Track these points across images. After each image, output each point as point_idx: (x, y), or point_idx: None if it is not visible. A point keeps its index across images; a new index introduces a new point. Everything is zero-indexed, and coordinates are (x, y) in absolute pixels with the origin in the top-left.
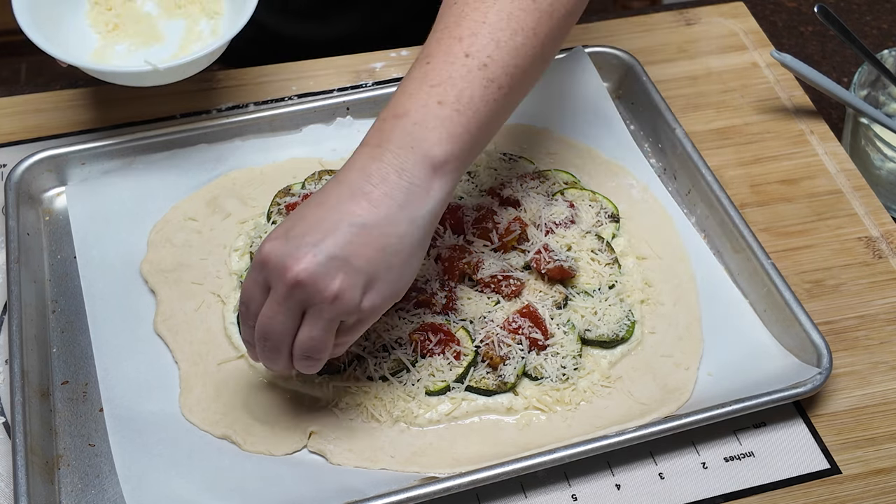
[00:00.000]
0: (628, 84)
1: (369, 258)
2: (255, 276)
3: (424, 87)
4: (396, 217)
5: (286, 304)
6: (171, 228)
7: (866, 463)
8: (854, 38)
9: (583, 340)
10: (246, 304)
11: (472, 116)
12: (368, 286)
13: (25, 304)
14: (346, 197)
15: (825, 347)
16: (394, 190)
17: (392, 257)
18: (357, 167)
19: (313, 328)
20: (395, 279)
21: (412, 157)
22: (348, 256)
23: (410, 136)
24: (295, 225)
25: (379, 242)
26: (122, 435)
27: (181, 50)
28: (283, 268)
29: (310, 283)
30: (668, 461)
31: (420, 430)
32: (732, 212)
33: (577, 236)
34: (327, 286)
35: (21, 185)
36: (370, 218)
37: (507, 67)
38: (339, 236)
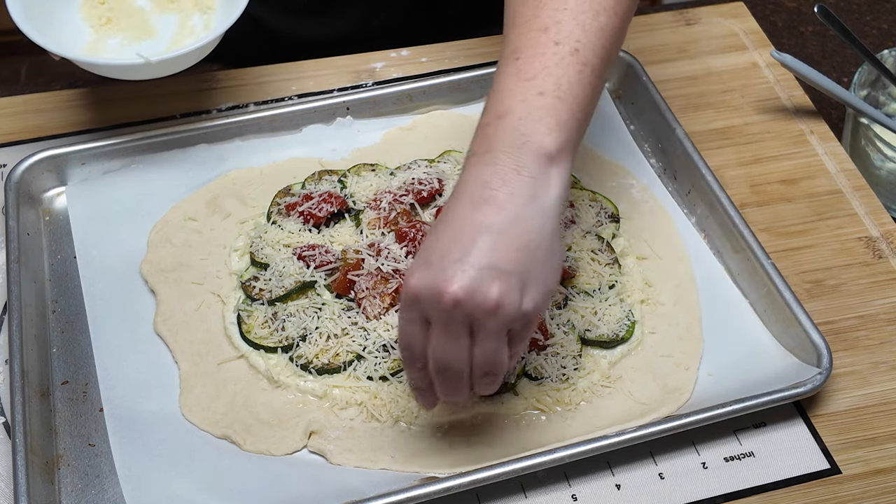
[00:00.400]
0: (628, 84)
1: (516, 259)
2: (410, 315)
3: (520, 82)
4: (527, 213)
5: (452, 329)
6: (171, 228)
7: (866, 463)
8: (854, 38)
9: (583, 340)
10: (409, 347)
11: (573, 102)
12: (524, 287)
13: (25, 304)
14: (471, 209)
15: (825, 347)
16: (517, 188)
17: (536, 252)
18: (473, 178)
19: (486, 343)
20: (546, 273)
21: (526, 153)
22: (496, 263)
23: (518, 132)
24: (432, 251)
25: (519, 242)
26: (122, 435)
27: (174, 44)
28: (437, 293)
29: (468, 298)
30: (668, 461)
31: (420, 430)
32: (732, 212)
33: (577, 236)
34: (486, 297)
35: (21, 185)
36: (503, 221)
37: (596, 49)
38: (480, 247)
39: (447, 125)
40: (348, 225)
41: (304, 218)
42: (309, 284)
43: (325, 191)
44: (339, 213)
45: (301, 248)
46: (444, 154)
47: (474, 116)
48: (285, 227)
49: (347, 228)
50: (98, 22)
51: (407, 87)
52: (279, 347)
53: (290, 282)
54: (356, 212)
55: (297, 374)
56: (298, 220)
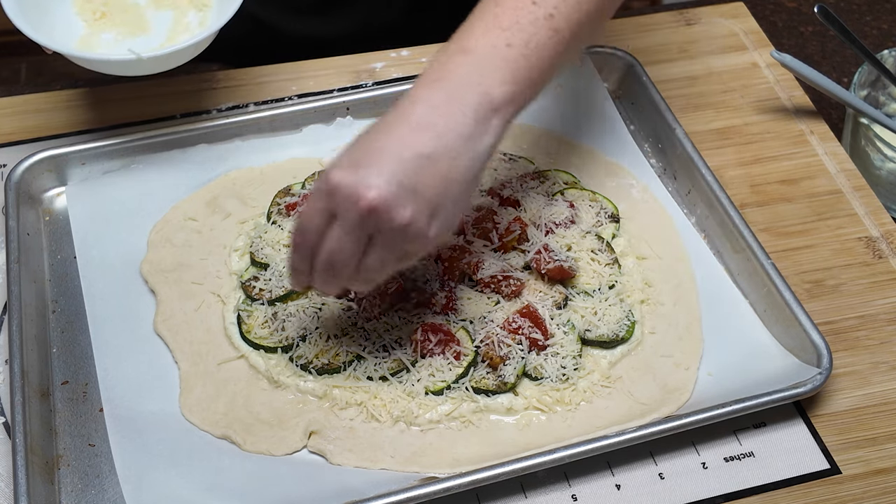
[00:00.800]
0: (628, 84)
1: (435, 188)
2: (320, 204)
3: (494, 28)
4: (459, 150)
5: (356, 233)
6: (171, 228)
7: (867, 463)
8: (854, 38)
9: (583, 340)
10: (304, 233)
11: (535, 62)
12: (433, 216)
13: (25, 304)
14: (412, 128)
15: (825, 347)
16: (458, 124)
17: (454, 187)
18: (421, 99)
19: (380, 253)
20: (455, 210)
21: (476, 94)
22: (416, 186)
23: (476, 73)
24: (361, 156)
25: (444, 174)
26: (122, 435)
27: (168, 41)
28: (356, 196)
29: (383, 210)
30: (668, 461)
31: (420, 430)
32: (732, 212)
33: (577, 236)
34: (399, 214)
35: (21, 185)
36: (436, 149)
37: (571, 20)
38: (407, 166)
39: None
40: None
41: None
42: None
43: None
44: None
45: None
46: None
47: None
48: (285, 227)
49: None
50: (92, 17)
51: (407, 87)
52: (279, 347)
53: None
54: None
55: (297, 374)
56: None
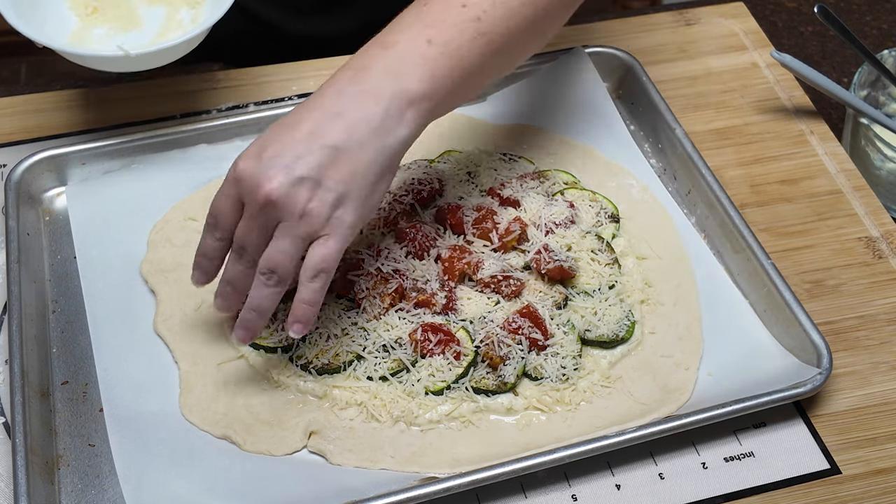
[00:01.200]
0: (628, 84)
1: (339, 180)
2: (229, 191)
3: (417, 24)
4: (369, 143)
5: (259, 221)
6: (171, 228)
7: (867, 463)
8: (854, 38)
9: (583, 341)
10: (215, 216)
11: (456, 64)
12: (338, 203)
13: (25, 304)
14: (321, 119)
15: (825, 347)
16: (369, 116)
17: (361, 180)
18: (336, 90)
19: (282, 241)
20: (362, 202)
21: (391, 88)
22: (319, 178)
23: (395, 67)
24: (269, 145)
25: (350, 167)
26: (122, 435)
27: (159, 37)
28: (256, 186)
29: (281, 201)
30: (668, 461)
31: (420, 431)
32: (732, 212)
33: (577, 236)
34: (297, 204)
35: (21, 185)
36: (344, 141)
37: (500, 26)
38: (311, 158)
39: (447, 125)
40: None
41: None
42: None
43: None
44: None
45: None
46: (444, 154)
47: (475, 117)
48: None
49: None
50: (84, 11)
51: None
52: (279, 347)
53: (290, 282)
54: None
55: (297, 375)
56: None
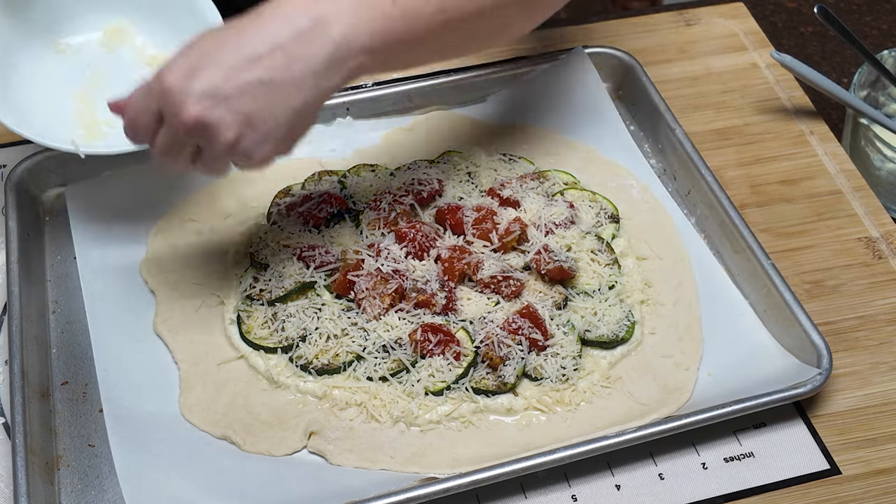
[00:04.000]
0: (628, 84)
1: (269, 115)
2: (148, 102)
3: None
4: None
5: (181, 140)
6: (171, 229)
7: (867, 463)
8: (854, 38)
9: (583, 341)
10: (133, 126)
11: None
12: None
13: (25, 305)
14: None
15: (825, 348)
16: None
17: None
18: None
19: (208, 164)
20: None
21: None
22: (249, 111)
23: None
24: (202, 66)
25: (282, 102)
26: (121, 435)
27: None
28: (180, 108)
29: (205, 129)
30: (668, 461)
31: (420, 431)
32: (732, 212)
33: (577, 237)
34: (224, 136)
35: (21, 185)
36: (281, 76)
37: (462, 7)
38: (244, 88)
39: (447, 125)
40: (348, 225)
41: (304, 218)
42: (309, 285)
43: (324, 191)
44: (339, 213)
45: (301, 248)
46: (444, 154)
47: (474, 117)
48: (285, 227)
49: (347, 229)
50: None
51: (407, 88)
52: (279, 348)
53: (290, 282)
54: (356, 212)
55: (296, 375)
56: (298, 221)
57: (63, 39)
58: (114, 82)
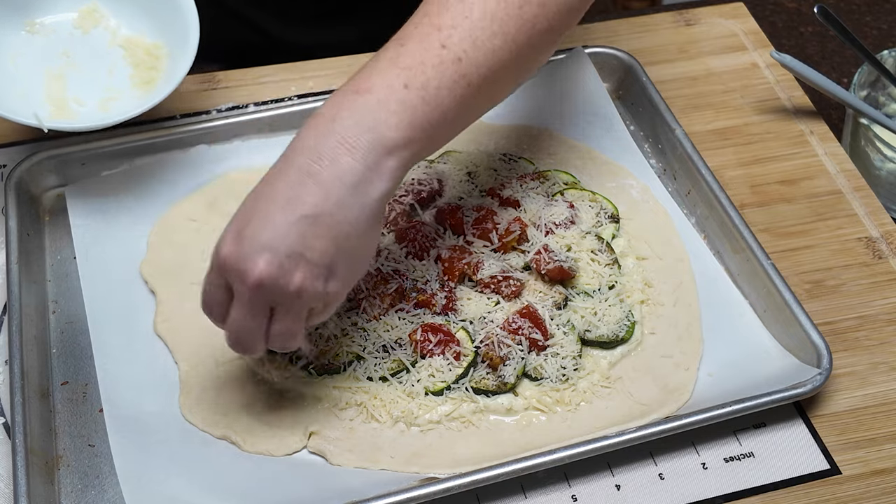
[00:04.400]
0: (628, 84)
1: (325, 250)
2: (215, 279)
3: (394, 67)
4: (347, 202)
5: (252, 307)
6: (171, 229)
7: (866, 463)
8: (854, 38)
9: (583, 341)
10: (209, 308)
11: (435, 107)
12: (329, 275)
13: (25, 305)
14: (295, 182)
15: (825, 348)
16: (344, 173)
17: (346, 243)
18: (308, 145)
19: (283, 322)
20: (353, 263)
21: (367, 137)
22: (304, 252)
23: (369, 114)
24: (247, 224)
25: (332, 232)
26: (121, 435)
27: (101, 108)
28: (241, 273)
29: (270, 284)
30: (668, 461)
31: (420, 431)
32: (732, 212)
33: (577, 237)
34: (289, 283)
35: (21, 185)
36: (322, 206)
37: (481, 68)
38: (292, 232)
39: None
40: None
41: None
42: None
43: None
44: None
45: None
46: (444, 154)
47: None
48: None
49: None
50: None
51: None
52: None
53: None
54: None
55: (297, 375)
56: None
57: (37, 19)
58: (87, 63)
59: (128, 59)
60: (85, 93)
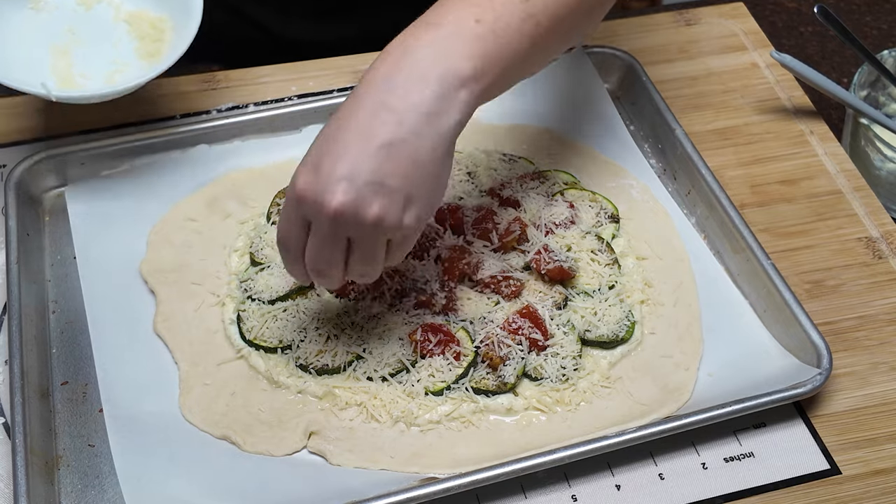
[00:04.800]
0: (628, 84)
1: (402, 178)
2: (292, 214)
3: (464, 4)
4: (423, 130)
5: (331, 239)
6: (170, 229)
7: (866, 463)
8: (854, 38)
9: (583, 341)
10: (285, 245)
11: (506, 43)
12: (408, 203)
13: (25, 305)
14: (370, 114)
15: (825, 348)
16: (419, 102)
17: (423, 171)
18: (380, 77)
19: (362, 252)
20: (430, 193)
21: (439, 69)
22: (382, 179)
23: (443, 46)
24: (323, 156)
25: (409, 161)
26: (121, 435)
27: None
28: (320, 204)
29: (350, 214)
30: (668, 461)
31: (420, 431)
32: (732, 212)
33: (577, 237)
34: (367, 212)
35: (21, 185)
36: (397, 134)
37: (549, 8)
38: (369, 161)
39: None
40: None
41: None
42: (309, 285)
43: None
44: None
45: None
46: None
47: (475, 117)
48: None
49: None
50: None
51: None
52: (279, 347)
53: (290, 282)
54: None
55: (296, 375)
56: None
57: None
58: (92, 38)
59: (132, 33)
60: (91, 67)
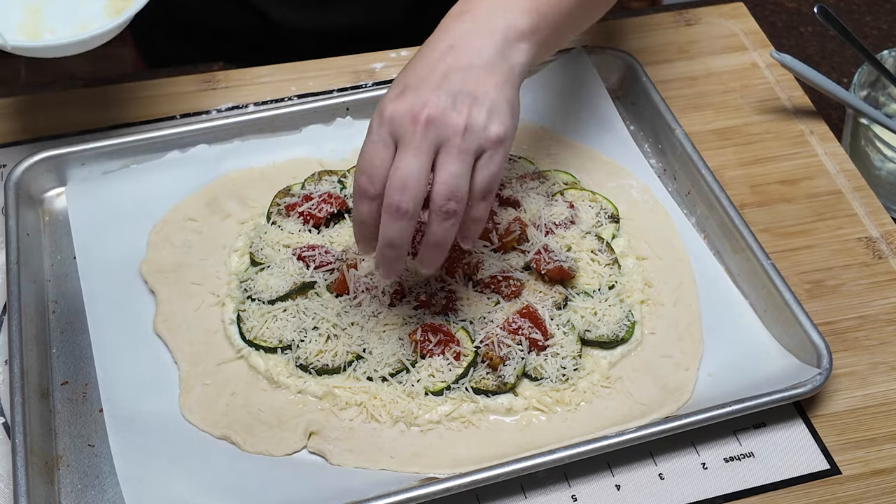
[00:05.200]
0: (628, 84)
1: (485, 91)
2: (378, 135)
3: None
4: (496, 62)
5: (421, 148)
6: (170, 229)
7: (866, 463)
8: (854, 38)
9: (583, 341)
10: (369, 168)
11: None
12: (491, 113)
13: (25, 305)
14: (445, 51)
15: (825, 348)
16: (488, 44)
17: (501, 93)
18: (450, 28)
19: (452, 165)
20: (509, 113)
21: (500, 23)
22: (467, 90)
23: (500, 4)
24: (407, 83)
25: (492, 78)
26: (121, 435)
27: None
28: (413, 114)
29: (440, 117)
30: (668, 461)
31: (420, 431)
32: (732, 212)
33: (577, 237)
34: (457, 118)
35: (21, 185)
36: (473, 61)
37: None
38: (455, 78)
39: None
40: (348, 225)
41: (304, 218)
42: (309, 285)
43: (324, 191)
44: (339, 213)
45: (301, 248)
46: None
47: None
48: (285, 227)
49: (347, 229)
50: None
51: None
52: (279, 347)
53: (290, 282)
54: None
55: (296, 375)
56: (298, 221)
57: None
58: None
59: None
60: (59, 24)
